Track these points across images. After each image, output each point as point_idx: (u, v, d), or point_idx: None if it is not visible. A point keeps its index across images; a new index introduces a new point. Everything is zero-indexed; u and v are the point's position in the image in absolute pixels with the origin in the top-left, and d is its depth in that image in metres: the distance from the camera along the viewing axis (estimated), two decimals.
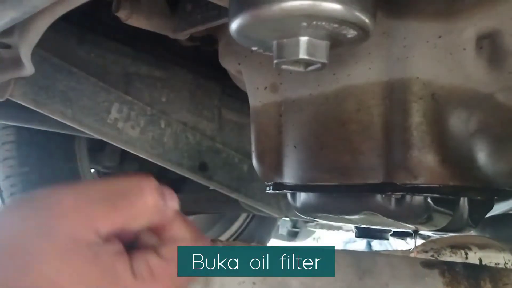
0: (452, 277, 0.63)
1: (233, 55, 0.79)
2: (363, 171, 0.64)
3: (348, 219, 0.72)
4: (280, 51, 0.48)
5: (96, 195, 0.40)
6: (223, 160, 1.13)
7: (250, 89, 0.78)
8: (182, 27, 0.80)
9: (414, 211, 0.63)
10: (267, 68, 0.73)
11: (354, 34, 0.47)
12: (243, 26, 0.46)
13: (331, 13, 0.44)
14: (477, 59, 0.58)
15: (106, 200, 0.39)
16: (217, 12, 0.73)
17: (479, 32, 0.57)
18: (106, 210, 0.39)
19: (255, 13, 0.45)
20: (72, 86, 0.92)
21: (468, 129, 0.59)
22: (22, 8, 0.49)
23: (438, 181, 0.60)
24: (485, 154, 0.59)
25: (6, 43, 0.64)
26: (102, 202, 0.39)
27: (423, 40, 0.59)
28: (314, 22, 0.45)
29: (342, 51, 0.52)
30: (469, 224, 0.66)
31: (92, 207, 0.39)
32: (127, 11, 0.76)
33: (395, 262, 0.63)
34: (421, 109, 0.59)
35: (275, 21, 0.45)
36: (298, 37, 0.47)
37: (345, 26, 0.46)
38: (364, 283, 0.61)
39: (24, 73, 0.70)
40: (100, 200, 0.39)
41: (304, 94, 0.69)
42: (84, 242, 0.37)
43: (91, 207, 0.39)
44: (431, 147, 0.59)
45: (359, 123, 0.64)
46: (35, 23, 0.59)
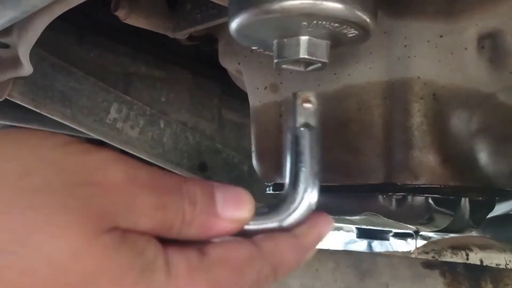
0: (453, 277, 0.63)
1: (233, 55, 0.78)
2: (363, 171, 0.63)
3: (349, 219, 0.72)
4: (281, 50, 0.48)
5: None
6: (223, 160, 1.13)
7: (250, 89, 0.77)
8: (182, 26, 0.80)
9: (415, 212, 0.63)
10: (267, 67, 0.73)
11: (355, 33, 0.47)
12: (243, 25, 0.46)
13: (332, 12, 0.43)
14: (479, 59, 0.57)
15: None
16: (216, 11, 0.73)
17: (481, 32, 0.57)
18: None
19: (256, 12, 0.44)
20: (71, 86, 0.92)
21: (469, 129, 0.59)
22: (21, 8, 0.48)
23: (439, 181, 0.59)
24: (486, 154, 0.59)
25: (5, 42, 0.64)
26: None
27: (424, 40, 0.59)
28: (315, 21, 0.44)
29: (342, 50, 0.51)
30: (470, 225, 0.65)
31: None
32: (125, 10, 0.76)
33: (396, 262, 0.63)
34: (422, 109, 0.59)
35: (275, 20, 0.45)
36: (298, 36, 0.47)
37: (346, 25, 0.45)
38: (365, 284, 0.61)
39: (22, 73, 0.70)
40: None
41: None
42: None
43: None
44: (432, 147, 0.59)
45: (359, 123, 0.63)
46: (34, 23, 0.59)
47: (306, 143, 0.37)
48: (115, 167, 0.31)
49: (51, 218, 0.28)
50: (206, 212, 0.33)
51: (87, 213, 0.29)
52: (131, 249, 0.30)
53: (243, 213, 0.34)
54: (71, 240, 0.28)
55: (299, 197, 0.37)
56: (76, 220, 0.28)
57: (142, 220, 0.31)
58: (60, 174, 0.29)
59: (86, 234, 0.28)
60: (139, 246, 0.30)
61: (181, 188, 0.32)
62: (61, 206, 0.28)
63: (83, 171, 0.30)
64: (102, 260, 0.29)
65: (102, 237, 0.29)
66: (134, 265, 0.30)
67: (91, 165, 0.30)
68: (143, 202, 0.31)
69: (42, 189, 0.28)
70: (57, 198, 0.28)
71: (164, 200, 0.31)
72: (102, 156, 0.31)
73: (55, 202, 0.28)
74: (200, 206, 0.33)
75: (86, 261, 0.28)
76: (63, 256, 0.28)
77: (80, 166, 0.30)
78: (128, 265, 0.30)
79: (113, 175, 0.30)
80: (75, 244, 0.28)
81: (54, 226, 0.28)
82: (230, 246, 0.34)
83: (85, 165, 0.30)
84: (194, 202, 0.33)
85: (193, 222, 0.32)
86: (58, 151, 0.30)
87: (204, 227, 0.33)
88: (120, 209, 0.30)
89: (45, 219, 0.28)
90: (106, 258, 0.29)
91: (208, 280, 0.32)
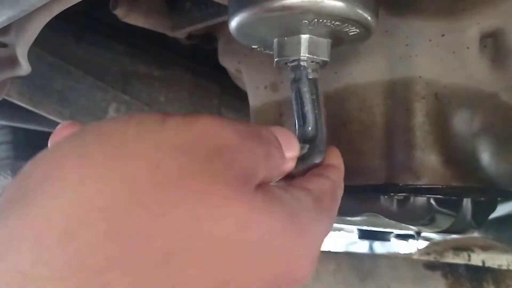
0: (455, 279, 0.63)
1: (233, 54, 0.78)
2: (365, 171, 0.63)
3: (350, 220, 0.71)
4: (281, 49, 0.47)
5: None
6: None
7: (250, 88, 0.77)
8: (181, 25, 0.79)
9: (417, 213, 0.63)
10: (267, 67, 0.72)
11: (356, 32, 0.47)
12: (243, 24, 0.46)
13: (333, 10, 0.43)
14: (481, 58, 0.57)
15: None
16: (216, 9, 0.72)
17: (483, 31, 0.56)
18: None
19: (256, 11, 0.44)
20: (70, 85, 0.92)
21: (471, 129, 0.58)
22: (19, 7, 0.48)
23: (441, 181, 0.59)
24: (489, 154, 0.58)
25: (2, 42, 0.64)
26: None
27: (426, 39, 0.58)
28: (316, 20, 0.44)
29: (344, 49, 0.51)
30: (472, 226, 0.65)
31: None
32: (124, 9, 0.75)
33: (397, 264, 0.62)
34: (424, 108, 0.58)
35: (276, 19, 0.44)
36: (299, 35, 0.46)
37: (347, 23, 0.45)
38: (366, 285, 0.61)
39: (20, 72, 0.69)
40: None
41: None
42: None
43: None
44: (434, 147, 0.58)
45: (361, 123, 0.63)
46: (32, 22, 0.58)
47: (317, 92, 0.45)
48: (225, 129, 0.30)
49: (210, 199, 0.27)
50: (281, 155, 0.35)
51: (235, 180, 0.28)
52: (278, 200, 0.31)
53: (295, 152, 0.37)
54: (237, 211, 0.27)
55: (322, 137, 0.44)
56: (231, 190, 0.27)
57: (261, 171, 0.31)
58: (183, 154, 0.27)
59: (245, 199, 0.28)
60: (277, 195, 0.31)
61: (269, 135, 0.34)
62: (210, 185, 0.27)
63: (200, 143, 0.28)
64: (267, 219, 0.29)
65: (256, 197, 0.29)
66: (287, 213, 0.31)
67: (203, 135, 0.29)
68: (258, 154, 0.32)
69: (182, 176, 0.27)
70: (201, 179, 0.27)
71: (267, 148, 0.33)
72: (205, 122, 0.30)
73: (201, 184, 0.27)
74: (280, 150, 0.35)
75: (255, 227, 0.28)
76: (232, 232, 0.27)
77: (195, 140, 0.28)
78: (284, 214, 0.30)
79: (229, 138, 0.30)
80: (241, 213, 0.27)
81: (219, 205, 0.27)
82: (320, 181, 0.38)
83: (198, 136, 0.29)
84: (278, 146, 0.35)
85: (279, 165, 0.35)
86: (163, 132, 0.28)
87: (280, 169, 0.35)
88: (251, 165, 0.30)
89: (207, 202, 0.26)
90: (268, 215, 0.29)
91: (327, 210, 0.36)
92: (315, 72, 0.46)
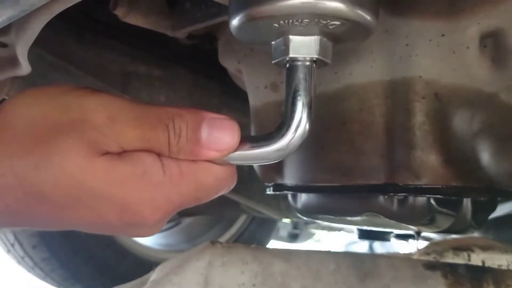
0: (455, 279, 0.63)
1: (233, 54, 0.78)
2: (365, 171, 0.63)
3: (350, 220, 0.71)
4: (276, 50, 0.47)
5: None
6: None
7: (250, 88, 0.77)
8: (181, 25, 0.79)
9: (417, 212, 0.63)
10: (267, 66, 0.72)
11: (356, 32, 0.47)
12: (244, 24, 0.46)
13: (333, 11, 0.43)
14: (481, 58, 0.57)
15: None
16: (216, 9, 0.72)
17: (483, 31, 0.56)
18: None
19: (256, 11, 0.44)
20: None
21: (471, 129, 0.58)
22: (20, 7, 0.48)
23: (441, 181, 0.59)
24: (489, 154, 0.58)
25: (3, 41, 0.64)
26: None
27: (426, 39, 0.58)
28: (316, 20, 0.44)
29: (344, 49, 0.51)
30: (472, 225, 0.65)
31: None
32: (124, 8, 0.75)
33: (397, 264, 0.62)
34: (424, 108, 0.58)
35: (276, 19, 0.44)
36: (299, 35, 0.46)
37: (347, 24, 0.45)
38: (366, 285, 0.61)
39: (20, 72, 0.69)
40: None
41: None
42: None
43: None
44: (434, 147, 0.58)
45: (361, 123, 0.63)
46: (32, 22, 0.58)
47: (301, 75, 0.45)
48: (102, 108, 0.40)
49: (60, 145, 0.38)
50: (192, 142, 0.41)
51: (82, 141, 0.38)
52: (128, 161, 0.39)
53: (226, 141, 0.42)
54: (76, 161, 0.38)
55: (294, 124, 0.45)
56: (76, 146, 0.38)
57: (131, 147, 0.40)
58: (64, 113, 0.39)
59: (85, 156, 0.38)
60: (135, 157, 0.40)
61: (167, 124, 0.41)
62: (65, 137, 0.38)
63: (79, 111, 0.39)
64: (104, 172, 0.39)
65: (100, 157, 0.39)
66: (135, 170, 0.39)
67: (87, 106, 0.40)
68: (127, 136, 0.39)
69: (56, 126, 0.39)
70: (63, 132, 0.39)
71: (148, 135, 0.40)
72: (95, 99, 0.40)
73: (62, 135, 0.38)
74: (184, 137, 0.41)
75: (91, 174, 0.38)
76: (75, 172, 0.38)
77: (78, 108, 0.40)
78: (129, 171, 0.39)
79: (99, 116, 0.39)
80: (80, 163, 0.38)
81: (64, 151, 0.38)
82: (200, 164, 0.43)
83: (82, 106, 0.40)
84: (179, 134, 0.41)
85: (181, 150, 0.41)
86: (65, 96, 0.40)
87: (191, 154, 0.41)
88: (109, 140, 0.39)
89: (57, 147, 0.38)
90: (107, 170, 0.39)
91: (195, 180, 0.42)
92: (311, 72, 0.47)
